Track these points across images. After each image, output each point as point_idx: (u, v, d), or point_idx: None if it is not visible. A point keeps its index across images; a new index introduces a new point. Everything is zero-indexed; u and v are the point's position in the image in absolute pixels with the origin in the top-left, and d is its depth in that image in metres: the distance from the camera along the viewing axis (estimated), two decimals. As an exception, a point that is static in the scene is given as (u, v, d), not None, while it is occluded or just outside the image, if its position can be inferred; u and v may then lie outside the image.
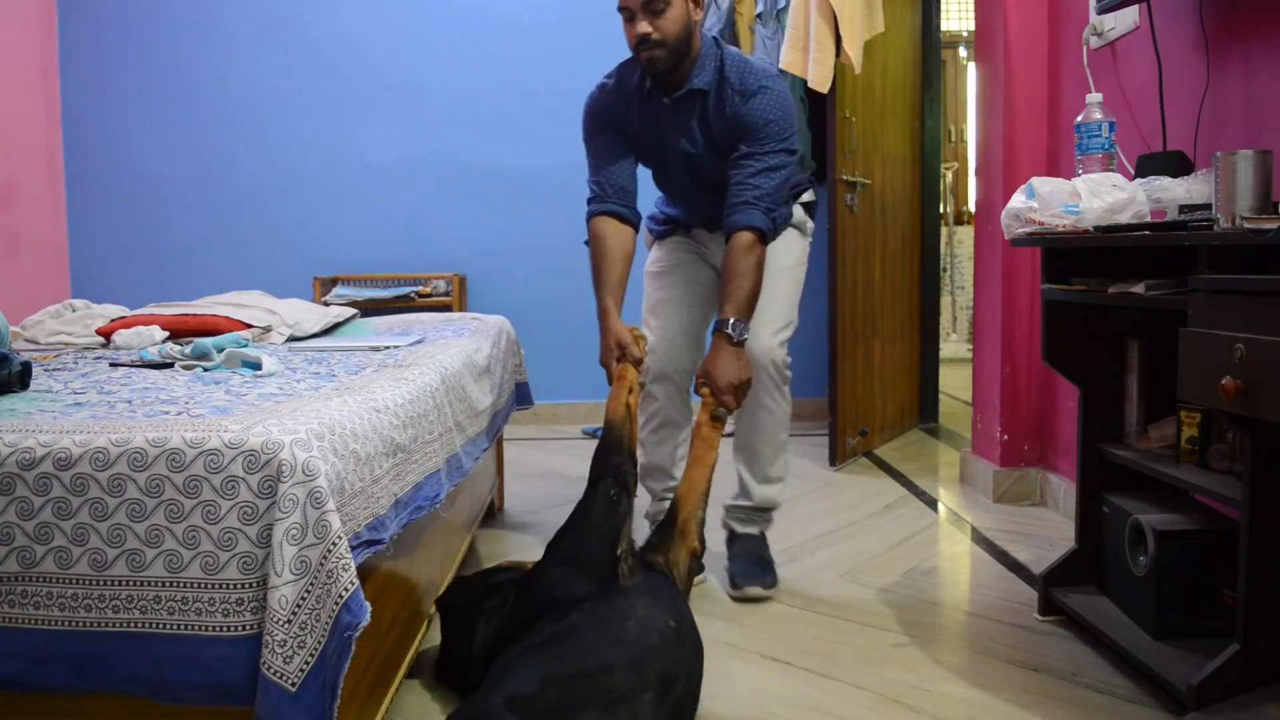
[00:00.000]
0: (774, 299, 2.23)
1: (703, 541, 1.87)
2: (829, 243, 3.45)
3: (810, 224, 2.43)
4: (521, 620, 1.58)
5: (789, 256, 2.32)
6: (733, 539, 2.37)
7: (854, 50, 3.17)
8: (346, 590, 1.11)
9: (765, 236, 2.12)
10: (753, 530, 2.37)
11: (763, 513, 2.36)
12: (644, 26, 2.08)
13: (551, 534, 1.79)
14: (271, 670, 1.08)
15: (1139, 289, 1.66)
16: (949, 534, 2.72)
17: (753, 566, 2.26)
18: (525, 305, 4.33)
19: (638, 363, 2.08)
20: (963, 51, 7.03)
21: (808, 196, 2.40)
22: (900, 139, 4.05)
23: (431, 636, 1.90)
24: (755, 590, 2.22)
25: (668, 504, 1.95)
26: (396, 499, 1.41)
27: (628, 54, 2.18)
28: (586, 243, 2.24)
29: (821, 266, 3.60)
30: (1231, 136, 2.04)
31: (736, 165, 2.15)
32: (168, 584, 1.13)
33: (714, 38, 2.23)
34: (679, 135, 2.22)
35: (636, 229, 2.26)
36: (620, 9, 2.11)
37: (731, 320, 2.06)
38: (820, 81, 3.14)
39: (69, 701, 1.17)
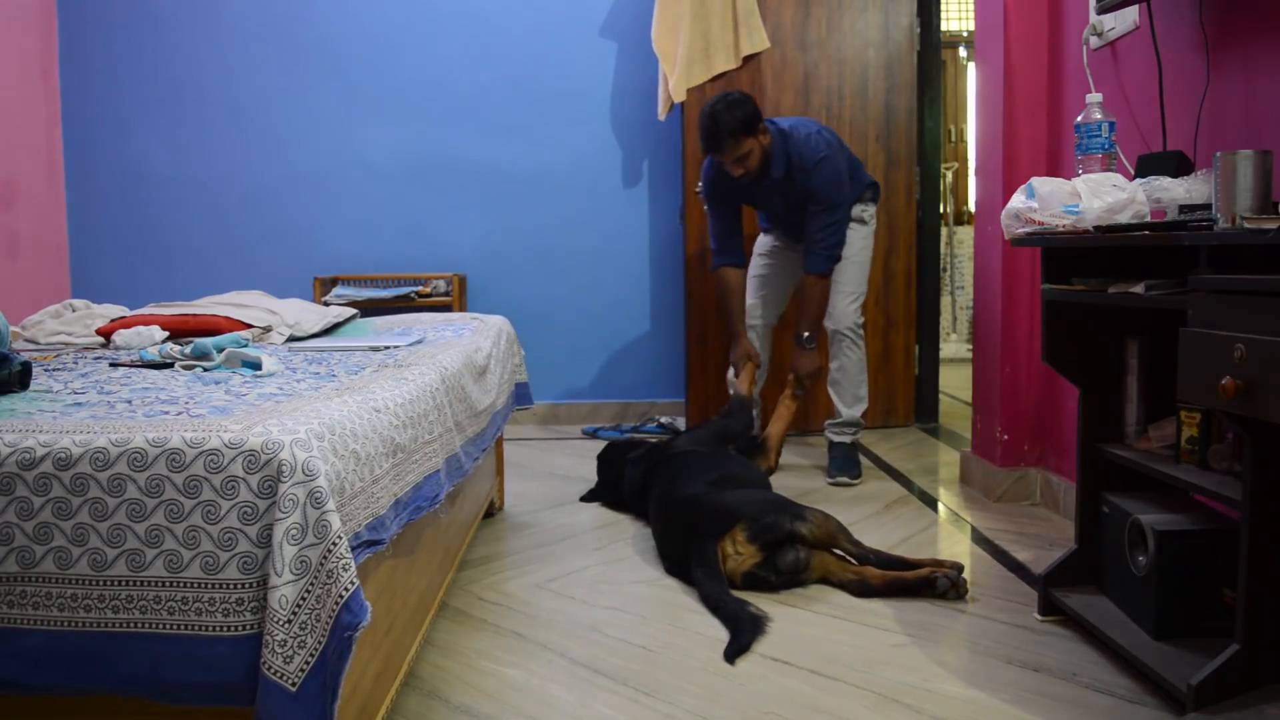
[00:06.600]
0: (846, 281, 3.25)
1: (777, 463, 3.15)
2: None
3: (870, 212, 3.33)
4: (656, 460, 2.72)
5: (852, 247, 3.25)
6: (831, 446, 3.32)
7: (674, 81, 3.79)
8: (347, 590, 1.11)
9: (826, 274, 3.15)
10: (845, 439, 3.31)
11: (850, 426, 3.32)
12: (736, 170, 3.03)
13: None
14: (271, 670, 1.08)
15: (1139, 289, 1.66)
16: (949, 534, 2.72)
17: (844, 464, 3.22)
18: (525, 305, 4.33)
19: (757, 365, 3.26)
20: (963, 51, 7.03)
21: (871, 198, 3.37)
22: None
23: (432, 636, 1.95)
24: (844, 479, 3.16)
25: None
26: (396, 499, 1.41)
27: (627, 54, 2.19)
28: (711, 271, 3.34)
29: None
30: (1231, 136, 2.04)
31: (810, 216, 3.10)
32: (168, 584, 1.13)
33: (779, 130, 3.07)
34: (765, 197, 3.24)
35: (745, 268, 3.32)
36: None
37: (805, 334, 3.15)
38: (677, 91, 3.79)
39: (68, 702, 1.17)
